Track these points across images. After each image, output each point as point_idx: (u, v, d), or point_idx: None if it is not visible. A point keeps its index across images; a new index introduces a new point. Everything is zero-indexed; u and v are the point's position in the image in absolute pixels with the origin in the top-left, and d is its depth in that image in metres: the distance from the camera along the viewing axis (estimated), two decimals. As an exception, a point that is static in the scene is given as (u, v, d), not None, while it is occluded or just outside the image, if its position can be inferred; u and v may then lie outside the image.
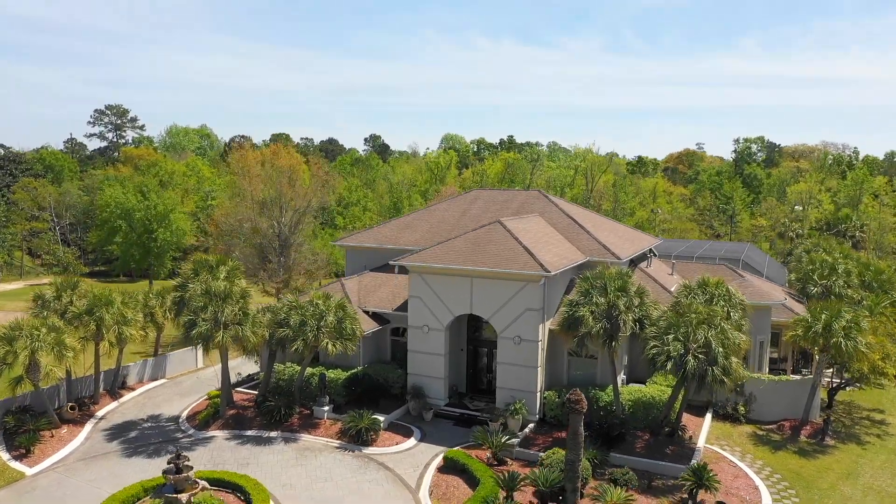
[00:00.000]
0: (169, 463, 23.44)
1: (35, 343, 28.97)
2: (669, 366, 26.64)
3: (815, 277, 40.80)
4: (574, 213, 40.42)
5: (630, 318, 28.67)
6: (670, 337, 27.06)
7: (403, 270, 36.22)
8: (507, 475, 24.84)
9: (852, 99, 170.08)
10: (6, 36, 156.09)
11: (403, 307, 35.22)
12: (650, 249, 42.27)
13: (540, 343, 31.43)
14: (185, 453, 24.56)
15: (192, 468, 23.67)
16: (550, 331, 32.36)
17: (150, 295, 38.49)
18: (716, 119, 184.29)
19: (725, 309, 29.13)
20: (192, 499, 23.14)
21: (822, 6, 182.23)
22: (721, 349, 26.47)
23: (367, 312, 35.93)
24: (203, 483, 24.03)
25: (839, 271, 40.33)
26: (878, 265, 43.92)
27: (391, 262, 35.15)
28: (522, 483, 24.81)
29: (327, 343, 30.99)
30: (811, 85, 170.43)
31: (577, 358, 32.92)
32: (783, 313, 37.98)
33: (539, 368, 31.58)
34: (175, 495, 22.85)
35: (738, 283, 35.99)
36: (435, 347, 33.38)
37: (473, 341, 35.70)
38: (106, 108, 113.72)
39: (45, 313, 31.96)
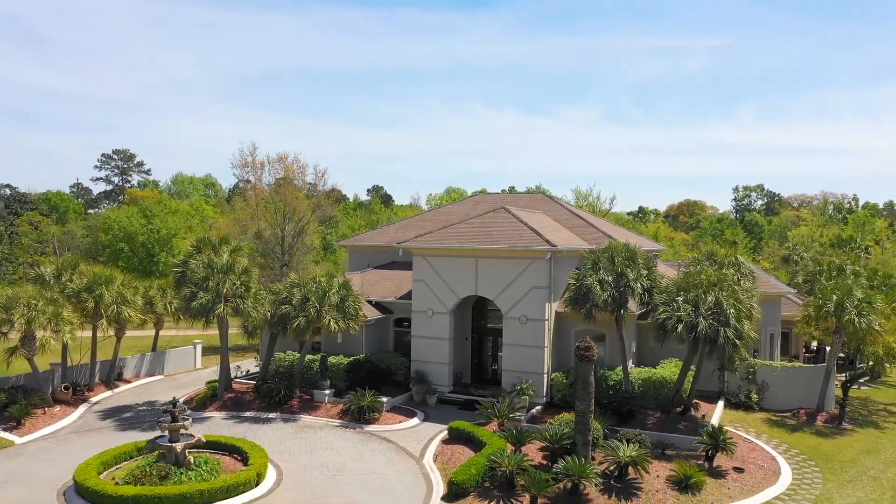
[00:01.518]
0: (164, 412, 22.61)
1: (32, 313, 28.40)
2: (680, 328, 25.95)
3: (823, 279, 40.21)
4: (579, 213, 40.36)
5: (639, 286, 28.14)
6: (680, 300, 26.50)
7: (407, 267, 35.91)
8: (515, 431, 23.91)
9: (847, 168, 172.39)
10: (13, 102, 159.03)
11: (407, 296, 34.70)
12: (656, 252, 41.96)
13: (546, 322, 30.81)
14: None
15: (188, 419, 22.82)
16: (557, 313, 31.78)
17: (151, 285, 37.97)
18: (714, 179, 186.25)
19: (736, 276, 28.65)
20: (186, 451, 22.23)
21: (816, 78, 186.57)
22: (733, 311, 25.86)
23: (370, 302, 35.39)
24: (199, 436, 23.11)
25: (847, 272, 39.78)
26: (887, 270, 43.45)
27: (396, 244, 34.80)
28: (531, 440, 23.87)
29: (329, 320, 30.36)
30: (807, 153, 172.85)
31: (584, 342, 32.18)
32: (792, 308, 37.40)
33: (546, 349, 30.85)
34: (170, 444, 21.94)
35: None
36: (439, 332, 32.70)
37: (478, 330, 35.03)
38: (113, 152, 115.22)
39: (44, 291, 31.41)
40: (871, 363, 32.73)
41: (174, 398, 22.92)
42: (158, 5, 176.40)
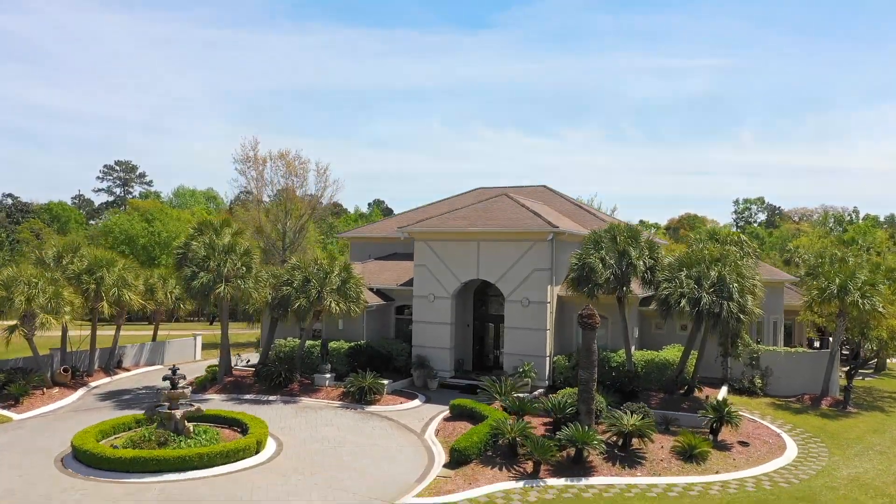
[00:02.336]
0: (164, 379, 22.43)
1: (32, 291, 28.27)
2: (683, 303, 25.80)
3: (825, 268, 40.06)
4: (580, 204, 40.39)
5: (641, 264, 28.00)
6: (683, 275, 26.38)
7: (408, 258, 35.90)
8: (517, 401, 23.69)
9: (848, 187, 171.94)
10: (19, 121, 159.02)
11: (408, 283, 34.62)
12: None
13: (549, 304, 30.68)
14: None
15: (189, 387, 22.64)
16: (559, 297, 31.67)
17: (152, 274, 37.88)
18: (714, 199, 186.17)
19: (739, 254, 28.56)
20: (185, 420, 22.01)
21: (817, 98, 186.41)
22: (736, 285, 25.73)
23: (371, 290, 35.28)
24: (199, 405, 22.92)
25: (849, 263, 39.66)
26: (890, 264, 43.27)
27: (398, 229, 34.70)
28: (533, 412, 23.63)
29: (331, 302, 30.22)
30: (807, 173, 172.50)
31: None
32: (794, 297, 37.28)
33: (548, 331, 30.69)
34: (169, 412, 21.74)
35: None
36: (441, 317, 32.55)
37: (480, 317, 34.89)
38: (115, 163, 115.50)
39: (45, 272, 31.29)
40: (874, 348, 32.48)
41: (174, 366, 22.74)
42: (162, 25, 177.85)
